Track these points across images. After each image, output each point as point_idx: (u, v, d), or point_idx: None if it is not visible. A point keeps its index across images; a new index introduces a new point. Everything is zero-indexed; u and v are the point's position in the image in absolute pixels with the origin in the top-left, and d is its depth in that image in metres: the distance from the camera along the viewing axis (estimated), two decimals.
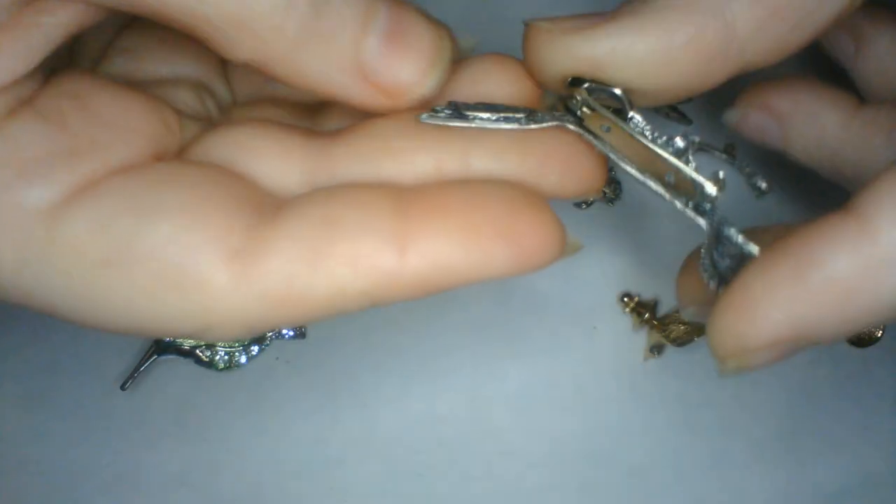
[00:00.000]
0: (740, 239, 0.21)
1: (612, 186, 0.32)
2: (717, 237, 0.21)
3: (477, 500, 0.30)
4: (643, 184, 0.22)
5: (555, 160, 0.21)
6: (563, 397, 0.31)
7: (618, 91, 0.21)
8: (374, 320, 0.31)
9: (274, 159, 0.21)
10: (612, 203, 0.32)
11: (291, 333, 0.31)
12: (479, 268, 0.19)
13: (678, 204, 0.22)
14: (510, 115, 0.21)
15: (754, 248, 0.21)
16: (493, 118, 0.21)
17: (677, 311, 0.32)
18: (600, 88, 0.21)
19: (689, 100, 0.32)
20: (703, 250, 0.22)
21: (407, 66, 0.20)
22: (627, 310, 0.32)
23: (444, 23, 0.24)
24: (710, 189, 0.21)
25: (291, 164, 0.21)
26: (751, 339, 0.19)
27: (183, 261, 0.18)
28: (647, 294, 0.32)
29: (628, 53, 0.20)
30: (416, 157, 0.20)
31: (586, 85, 0.21)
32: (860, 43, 0.27)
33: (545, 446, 0.31)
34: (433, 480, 0.30)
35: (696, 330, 0.31)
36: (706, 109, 0.32)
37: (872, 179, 0.19)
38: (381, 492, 0.30)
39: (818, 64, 0.29)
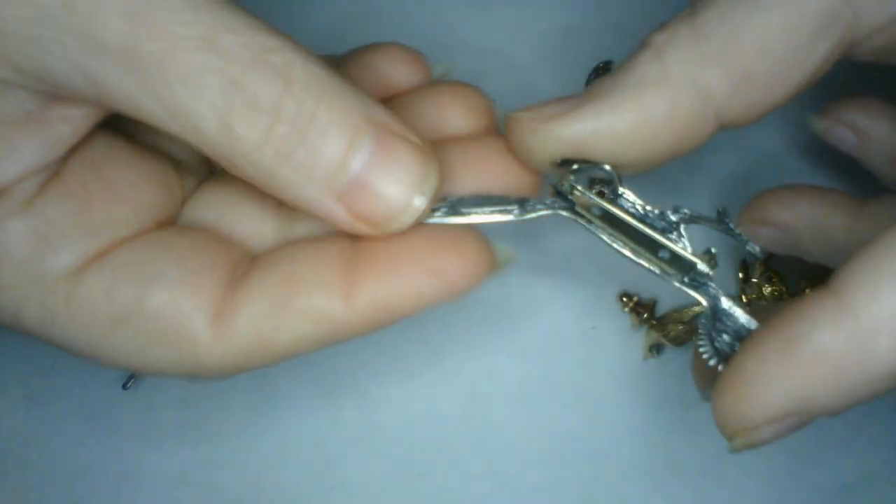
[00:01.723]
0: (739, 312, 0.22)
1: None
2: (715, 312, 0.22)
3: (477, 499, 0.30)
4: (638, 265, 0.22)
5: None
6: (562, 396, 0.31)
7: (607, 167, 0.22)
8: None
9: (252, 219, 0.23)
10: None
11: None
12: (415, 301, 0.21)
13: (675, 282, 0.22)
14: (504, 206, 0.22)
15: (752, 323, 0.21)
16: (489, 211, 0.22)
17: (676, 311, 0.32)
18: (589, 166, 0.22)
19: None
20: (700, 328, 0.22)
21: (387, 201, 0.21)
22: (626, 309, 0.32)
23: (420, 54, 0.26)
24: (703, 267, 0.22)
25: (266, 223, 0.23)
26: (751, 417, 0.20)
27: (178, 323, 0.21)
28: (646, 294, 0.32)
29: (610, 132, 0.21)
30: None
31: (575, 166, 0.22)
32: (861, 135, 0.28)
33: (545, 445, 0.31)
34: (433, 479, 0.30)
35: (695, 329, 0.31)
36: None
37: (848, 259, 0.20)
38: (381, 490, 0.30)
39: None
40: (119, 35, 0.18)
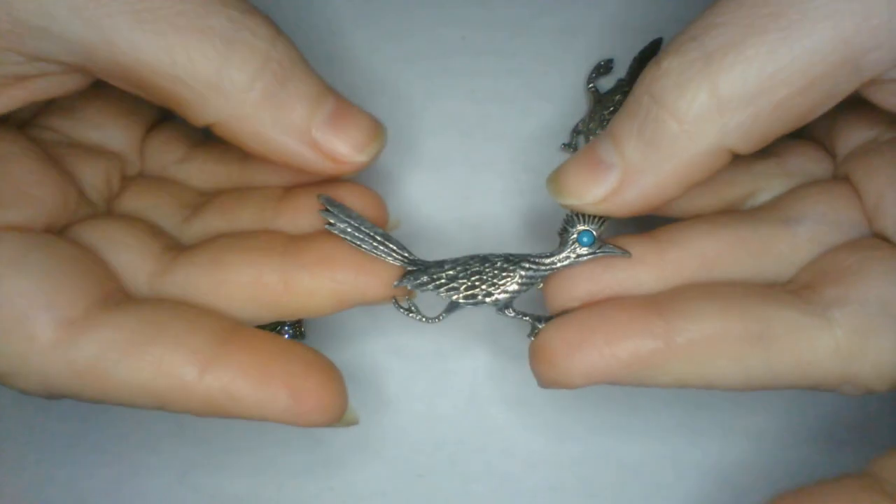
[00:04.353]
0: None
1: None
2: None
3: (477, 500, 0.30)
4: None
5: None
6: (562, 397, 0.31)
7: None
8: (373, 321, 0.31)
9: (132, 255, 0.24)
10: None
11: (290, 334, 0.31)
12: (262, 407, 0.22)
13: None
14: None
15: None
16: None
17: None
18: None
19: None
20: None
21: (348, 140, 0.24)
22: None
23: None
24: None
25: (144, 263, 0.24)
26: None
27: (24, 313, 0.21)
28: None
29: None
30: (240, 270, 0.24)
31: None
32: None
33: (545, 446, 0.31)
34: (433, 481, 0.30)
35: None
36: None
37: None
38: (380, 492, 0.30)
39: None
40: None
